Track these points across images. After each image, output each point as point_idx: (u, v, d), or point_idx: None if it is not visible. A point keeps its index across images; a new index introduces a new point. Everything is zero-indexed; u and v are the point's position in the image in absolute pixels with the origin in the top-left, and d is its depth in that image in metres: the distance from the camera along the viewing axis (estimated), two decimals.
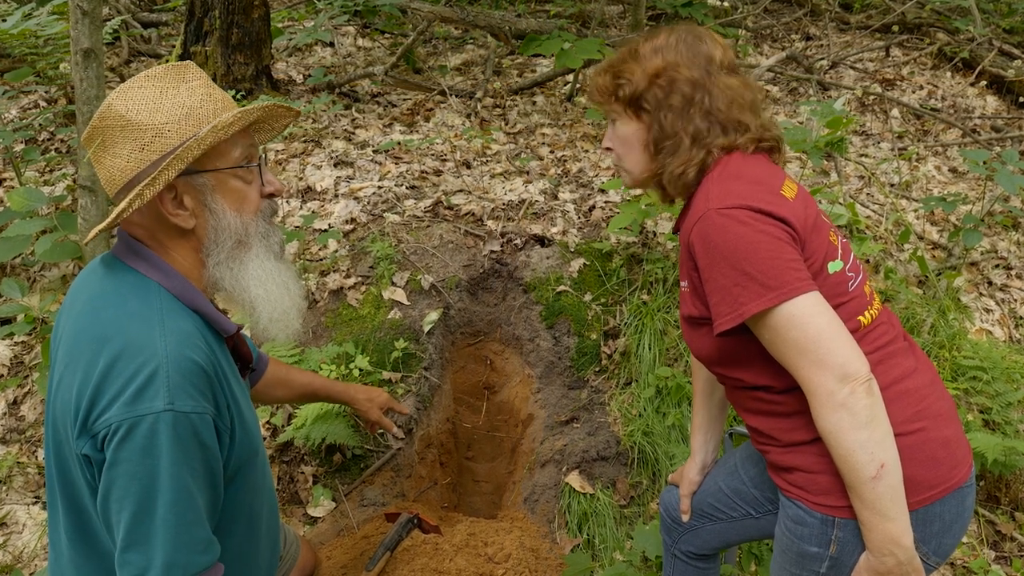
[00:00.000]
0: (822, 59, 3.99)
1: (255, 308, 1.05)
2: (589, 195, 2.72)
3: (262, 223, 1.05)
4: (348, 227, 2.50)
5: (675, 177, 1.07)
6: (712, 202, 1.00)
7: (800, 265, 0.98)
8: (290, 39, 3.83)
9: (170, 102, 0.96)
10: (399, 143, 3.00)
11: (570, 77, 3.75)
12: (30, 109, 3.05)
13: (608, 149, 1.18)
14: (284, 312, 1.07)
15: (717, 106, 1.05)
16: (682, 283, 1.12)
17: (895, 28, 4.53)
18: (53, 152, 2.82)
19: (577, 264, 2.37)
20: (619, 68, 1.10)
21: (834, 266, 1.05)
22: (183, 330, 0.95)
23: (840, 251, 1.08)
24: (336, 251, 2.39)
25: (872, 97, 3.71)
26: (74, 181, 2.53)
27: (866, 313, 1.05)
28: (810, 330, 0.94)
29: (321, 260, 2.38)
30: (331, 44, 4.07)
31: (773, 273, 0.95)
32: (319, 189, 2.71)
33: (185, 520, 0.91)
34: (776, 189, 1.04)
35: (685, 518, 1.38)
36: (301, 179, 2.78)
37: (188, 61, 1.03)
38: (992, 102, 3.87)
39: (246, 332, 2.17)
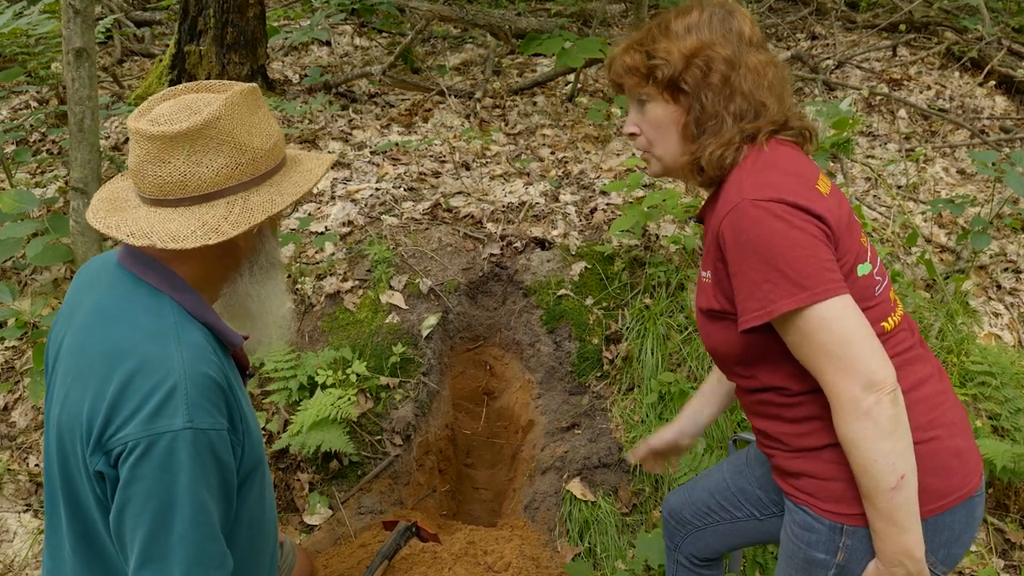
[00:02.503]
0: (828, 58, 3.95)
1: (270, 316, 1.08)
2: (591, 197, 2.68)
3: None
4: (345, 230, 2.46)
5: (715, 160, 1.01)
6: (746, 192, 0.96)
7: (834, 266, 0.95)
8: (286, 38, 3.80)
9: (261, 128, 0.98)
10: (397, 144, 2.96)
11: (571, 77, 3.71)
12: (21, 109, 3.02)
13: (633, 134, 1.10)
14: (283, 317, 1.11)
15: (747, 86, 1.01)
16: (703, 272, 1.07)
17: (902, 27, 4.49)
18: (44, 153, 2.79)
19: (578, 267, 2.34)
20: (652, 47, 1.04)
21: (863, 269, 1.02)
22: (198, 345, 0.95)
23: (869, 254, 1.05)
24: (333, 254, 2.36)
25: (879, 97, 3.67)
26: (66, 183, 2.50)
27: (889, 319, 1.03)
28: (839, 334, 0.92)
29: (317, 263, 2.34)
30: (328, 43, 4.04)
31: (808, 272, 0.92)
32: (315, 191, 2.68)
33: (202, 536, 0.91)
34: (812, 183, 1.00)
35: (631, 458, 1.38)
36: None
37: (255, 84, 1.03)
38: (1001, 102, 3.82)
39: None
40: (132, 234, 0.94)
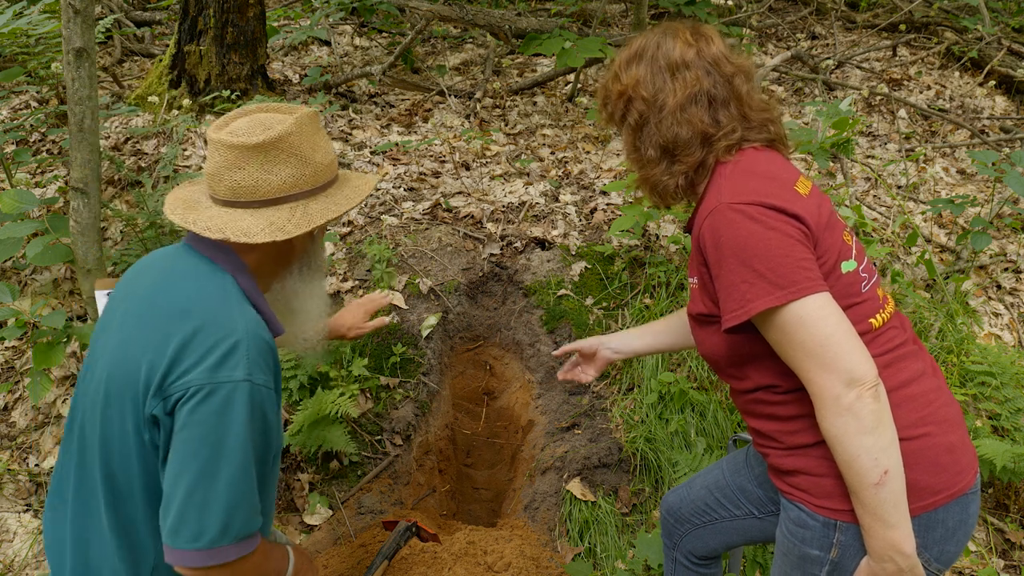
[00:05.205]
0: (828, 58, 3.95)
1: (310, 314, 1.20)
2: (591, 197, 2.68)
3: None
4: (345, 229, 2.46)
5: (660, 185, 1.10)
6: (724, 196, 0.99)
7: (811, 264, 0.96)
8: (286, 38, 3.80)
9: (322, 147, 1.14)
10: (397, 144, 2.96)
11: (571, 77, 3.71)
12: (21, 109, 3.02)
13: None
14: (321, 318, 1.24)
15: (668, 123, 1.07)
16: (691, 279, 1.11)
17: (902, 27, 4.49)
18: (44, 153, 2.79)
19: (578, 267, 2.34)
20: (604, 87, 1.15)
21: (847, 266, 1.03)
22: (254, 316, 1.06)
23: (854, 251, 1.07)
24: (333, 254, 2.36)
25: (879, 97, 3.67)
26: (66, 183, 2.50)
27: (878, 316, 1.04)
28: (818, 332, 0.93)
29: None
30: (327, 43, 4.04)
31: (783, 271, 0.94)
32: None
33: (244, 486, 0.98)
34: (790, 185, 1.03)
35: (556, 352, 1.47)
36: None
37: (316, 109, 1.18)
38: (1001, 102, 3.82)
39: None
40: (208, 228, 1.06)
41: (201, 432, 0.95)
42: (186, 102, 2.96)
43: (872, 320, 1.03)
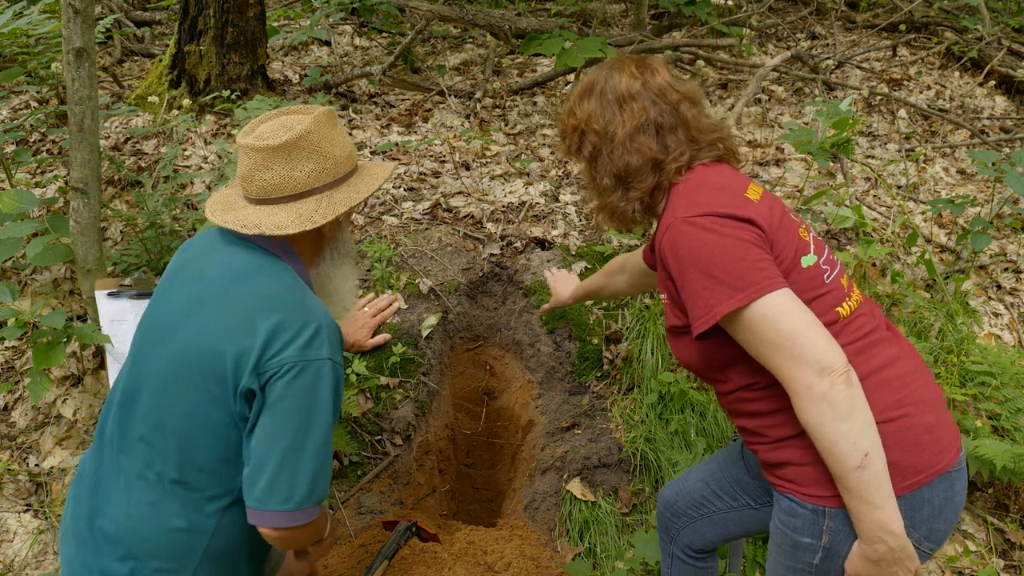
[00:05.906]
0: (828, 58, 3.95)
1: (341, 295, 1.31)
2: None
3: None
4: None
5: (618, 211, 1.16)
6: (678, 212, 1.06)
7: (768, 264, 1.01)
8: (286, 38, 3.79)
9: (340, 140, 1.22)
10: (397, 144, 2.96)
11: (571, 77, 3.71)
12: (21, 109, 3.01)
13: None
14: (351, 300, 1.36)
15: (619, 153, 1.12)
16: (661, 295, 1.16)
17: (902, 27, 4.49)
18: (44, 153, 2.79)
19: (578, 267, 2.34)
20: (562, 122, 1.22)
21: (807, 260, 1.08)
22: (323, 303, 1.18)
23: (812, 246, 1.11)
24: None
25: (879, 97, 3.67)
26: (66, 183, 2.50)
27: (844, 305, 1.08)
28: (783, 327, 0.97)
29: None
30: (328, 43, 4.04)
31: (740, 274, 0.98)
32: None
33: (326, 453, 1.10)
34: (740, 193, 1.09)
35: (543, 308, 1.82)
36: None
37: (331, 108, 1.25)
38: (1001, 102, 3.82)
39: None
40: (245, 225, 1.15)
41: (295, 404, 1.05)
42: (186, 102, 2.96)
43: (839, 309, 1.07)
